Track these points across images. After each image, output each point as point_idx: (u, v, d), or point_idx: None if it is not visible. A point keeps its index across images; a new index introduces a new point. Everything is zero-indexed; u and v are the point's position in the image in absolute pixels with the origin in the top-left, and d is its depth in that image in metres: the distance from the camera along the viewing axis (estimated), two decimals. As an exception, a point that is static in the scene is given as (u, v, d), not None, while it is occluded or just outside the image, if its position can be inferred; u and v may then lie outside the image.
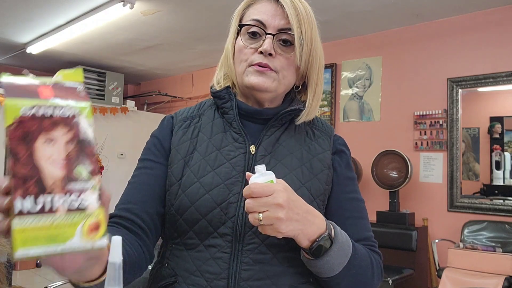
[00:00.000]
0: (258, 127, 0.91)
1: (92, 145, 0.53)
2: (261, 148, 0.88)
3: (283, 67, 0.87)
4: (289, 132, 0.92)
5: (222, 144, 0.88)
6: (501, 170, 3.65)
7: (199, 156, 0.87)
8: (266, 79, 0.86)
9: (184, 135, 0.92)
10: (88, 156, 0.52)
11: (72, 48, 5.26)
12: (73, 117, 0.53)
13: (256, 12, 0.89)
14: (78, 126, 0.53)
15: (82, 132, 0.54)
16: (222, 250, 0.80)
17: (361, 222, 0.91)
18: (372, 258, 0.86)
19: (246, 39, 0.89)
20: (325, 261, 0.76)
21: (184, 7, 3.86)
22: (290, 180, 0.83)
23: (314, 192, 0.87)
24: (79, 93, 0.55)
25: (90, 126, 0.54)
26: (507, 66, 3.55)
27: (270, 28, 0.86)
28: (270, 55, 0.86)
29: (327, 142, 0.95)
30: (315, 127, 0.97)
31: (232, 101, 0.91)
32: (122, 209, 0.85)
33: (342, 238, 0.78)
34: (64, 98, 0.54)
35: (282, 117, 0.91)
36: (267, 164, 0.84)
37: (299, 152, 0.90)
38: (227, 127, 0.91)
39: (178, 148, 0.90)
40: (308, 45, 0.87)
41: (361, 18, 3.97)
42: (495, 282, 2.91)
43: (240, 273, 0.79)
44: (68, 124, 0.52)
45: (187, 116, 0.96)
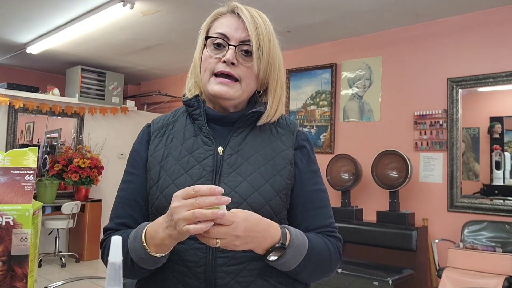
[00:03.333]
0: (226, 129, 1.02)
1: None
2: (228, 148, 0.98)
3: (245, 75, 0.97)
4: (255, 132, 1.02)
5: (193, 148, 0.99)
6: (501, 170, 3.65)
7: (173, 161, 0.98)
8: (228, 89, 0.96)
9: (159, 143, 1.02)
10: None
11: (72, 48, 5.26)
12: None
13: (220, 26, 0.99)
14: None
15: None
16: (199, 242, 0.87)
17: (323, 211, 1.02)
18: (330, 246, 0.97)
19: (211, 49, 0.99)
20: (281, 262, 0.88)
21: (184, 7, 3.86)
22: (254, 177, 0.95)
23: (277, 188, 0.96)
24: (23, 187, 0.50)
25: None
26: (507, 66, 3.55)
27: (233, 40, 0.96)
28: (233, 64, 0.96)
29: (290, 139, 1.04)
30: (279, 125, 1.06)
31: (201, 108, 1.01)
32: (117, 223, 1.00)
33: (298, 241, 0.90)
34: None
35: (246, 118, 1.00)
36: (234, 163, 0.96)
37: (263, 151, 1.00)
38: (197, 132, 1.01)
39: (154, 155, 1.01)
40: (266, 54, 0.97)
41: (361, 18, 3.97)
42: (495, 282, 2.91)
43: (216, 261, 0.91)
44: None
45: (163, 125, 1.06)
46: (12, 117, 5.34)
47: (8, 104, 5.26)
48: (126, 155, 5.04)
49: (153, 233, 0.85)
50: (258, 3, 3.78)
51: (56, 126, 6.04)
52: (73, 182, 5.31)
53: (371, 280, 3.25)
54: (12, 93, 5.23)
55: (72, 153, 5.46)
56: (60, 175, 5.36)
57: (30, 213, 0.54)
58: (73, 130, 5.93)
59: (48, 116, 5.76)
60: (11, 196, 0.53)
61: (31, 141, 5.85)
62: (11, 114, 5.33)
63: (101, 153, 5.75)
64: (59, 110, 5.62)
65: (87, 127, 5.91)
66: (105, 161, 5.77)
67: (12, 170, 0.55)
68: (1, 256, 0.49)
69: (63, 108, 5.68)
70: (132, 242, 0.89)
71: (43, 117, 5.78)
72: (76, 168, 5.24)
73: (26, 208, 0.54)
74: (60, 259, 5.18)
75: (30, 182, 0.56)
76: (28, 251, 0.52)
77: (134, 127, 6.43)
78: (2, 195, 0.50)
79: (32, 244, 0.57)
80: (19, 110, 5.36)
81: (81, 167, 5.26)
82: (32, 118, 5.77)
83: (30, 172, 0.57)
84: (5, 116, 5.31)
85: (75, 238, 5.59)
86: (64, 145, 5.82)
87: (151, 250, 0.85)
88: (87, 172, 5.30)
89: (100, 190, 5.89)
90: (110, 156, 6.02)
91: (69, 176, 5.27)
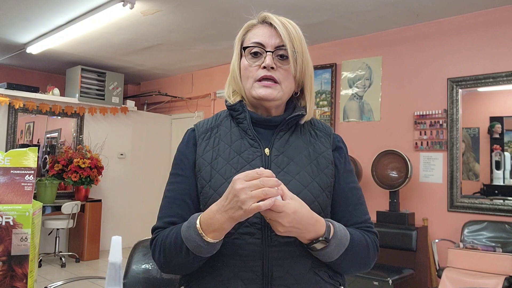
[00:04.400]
0: (268, 132, 1.09)
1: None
2: (274, 149, 1.05)
3: (284, 77, 1.05)
4: (296, 134, 1.10)
5: (241, 149, 1.05)
6: (501, 170, 3.65)
7: (223, 161, 1.04)
8: (272, 91, 1.04)
9: (207, 146, 1.08)
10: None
11: (72, 48, 5.26)
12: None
13: (255, 36, 1.07)
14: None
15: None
16: (254, 236, 0.97)
17: (360, 207, 1.10)
18: (368, 240, 1.05)
19: (250, 58, 1.07)
20: (324, 252, 0.95)
21: (184, 7, 3.86)
22: (302, 176, 1.02)
23: (323, 185, 1.04)
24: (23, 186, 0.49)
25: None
26: (507, 66, 3.55)
27: (269, 47, 1.04)
28: (272, 68, 1.03)
29: (328, 141, 1.12)
30: (317, 128, 1.14)
31: (245, 112, 1.08)
32: (166, 222, 1.05)
33: (341, 234, 0.97)
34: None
35: (288, 122, 1.08)
36: (281, 162, 1.04)
37: (306, 151, 1.07)
38: (243, 134, 1.08)
39: (204, 156, 1.07)
40: (300, 56, 1.04)
41: (361, 18, 3.97)
42: (495, 282, 2.91)
43: (271, 254, 0.97)
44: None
45: (207, 128, 1.12)
46: (12, 117, 5.34)
47: (8, 104, 5.26)
48: (126, 155, 5.07)
49: (208, 221, 0.91)
50: (258, 3, 3.78)
51: (56, 126, 6.04)
52: (73, 182, 5.31)
53: (371, 280, 3.25)
54: (12, 93, 5.23)
55: (72, 153, 5.46)
56: (60, 175, 5.36)
57: (30, 213, 0.54)
58: (73, 130, 5.93)
59: (48, 116, 5.76)
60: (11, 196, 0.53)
61: (31, 141, 5.85)
62: (11, 114, 5.33)
63: (101, 153, 5.75)
64: (59, 110, 5.62)
65: (87, 127, 5.91)
66: (105, 161, 5.77)
67: (12, 170, 0.55)
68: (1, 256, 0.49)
69: (63, 108, 5.68)
70: (186, 231, 0.94)
71: (43, 117, 5.78)
72: (76, 168, 5.24)
73: (26, 208, 0.54)
74: (60, 259, 5.18)
75: (30, 182, 0.56)
76: (28, 251, 0.52)
77: (134, 127, 6.43)
78: (2, 195, 0.50)
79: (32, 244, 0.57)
80: (19, 110, 5.36)
81: (81, 167, 5.26)
82: (32, 118, 5.77)
83: (30, 172, 0.57)
84: (5, 116, 5.31)
85: (75, 238, 5.59)
86: (64, 145, 5.81)
87: (208, 237, 0.91)
88: (87, 172, 5.30)
89: (100, 190, 5.89)
90: (110, 156, 6.02)
91: (69, 176, 5.27)
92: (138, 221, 6.27)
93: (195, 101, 6.41)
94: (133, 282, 1.48)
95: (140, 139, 6.48)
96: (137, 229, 6.12)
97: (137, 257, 1.56)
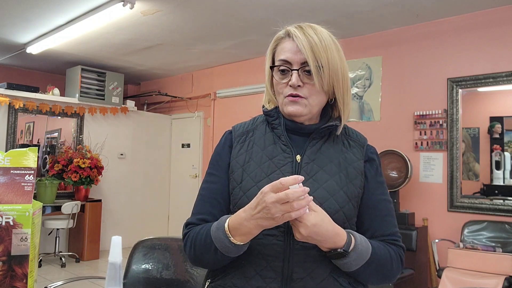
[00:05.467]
0: (302, 139, 1.11)
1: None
2: (305, 157, 1.07)
3: (311, 93, 1.05)
4: (329, 143, 1.11)
5: (273, 155, 1.08)
6: (501, 170, 3.65)
7: (255, 165, 1.07)
8: (299, 107, 1.06)
9: (241, 148, 1.12)
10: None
11: (72, 48, 5.26)
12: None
13: (282, 51, 1.07)
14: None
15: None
16: (277, 238, 1.00)
17: (388, 219, 1.10)
18: (392, 254, 1.05)
19: (278, 76, 1.08)
20: (343, 263, 0.97)
21: (184, 7, 3.86)
22: (330, 184, 1.04)
23: (350, 195, 1.05)
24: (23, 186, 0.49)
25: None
26: (507, 66, 3.55)
27: (295, 64, 1.04)
28: (299, 86, 1.04)
29: (360, 151, 1.13)
30: (350, 138, 1.16)
31: (280, 118, 1.11)
32: (198, 219, 1.09)
33: (362, 247, 0.98)
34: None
35: (321, 131, 1.09)
36: (311, 170, 1.05)
37: (337, 161, 1.08)
38: (276, 140, 1.10)
39: (237, 159, 1.11)
40: (327, 70, 1.03)
41: (361, 18, 3.97)
42: (495, 282, 2.91)
43: (293, 257, 1.00)
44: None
45: (243, 131, 1.16)
46: (12, 117, 5.34)
47: (8, 104, 5.26)
48: (126, 155, 5.08)
49: (236, 225, 0.95)
50: (258, 4, 3.78)
51: (56, 126, 6.04)
52: (73, 182, 5.31)
53: (371, 280, 3.25)
54: (12, 93, 5.23)
55: (72, 153, 5.46)
56: (60, 175, 5.36)
57: (30, 213, 0.54)
58: (73, 130, 5.93)
59: (48, 116, 5.76)
60: (11, 196, 0.53)
61: (31, 141, 5.85)
62: (11, 114, 5.33)
63: (101, 153, 5.75)
64: (59, 110, 5.62)
65: (87, 127, 5.91)
66: (105, 161, 5.77)
67: (12, 170, 0.55)
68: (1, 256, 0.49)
69: (63, 108, 5.68)
70: (215, 232, 0.98)
71: (43, 117, 5.77)
72: (76, 168, 5.24)
73: (26, 208, 0.54)
74: (60, 259, 5.18)
75: (30, 182, 0.56)
76: (28, 251, 0.52)
77: (134, 127, 6.43)
78: (2, 195, 0.50)
79: (32, 244, 0.57)
80: (19, 110, 5.36)
81: (81, 167, 5.26)
82: (32, 118, 5.77)
83: (30, 172, 0.57)
84: (5, 116, 5.31)
85: (75, 238, 5.59)
86: (64, 145, 5.82)
87: (236, 239, 0.95)
88: (87, 172, 5.30)
89: (100, 190, 5.89)
90: (110, 156, 6.02)
91: (69, 176, 5.27)
92: (138, 221, 6.27)
93: (195, 101, 6.40)
94: (133, 282, 1.48)
95: (140, 139, 6.48)
96: (137, 229, 6.12)
97: (137, 257, 1.56)
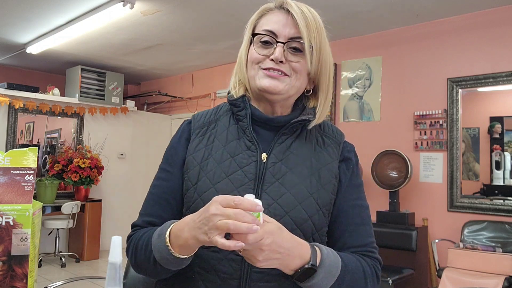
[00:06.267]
0: (270, 134, 0.96)
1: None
2: (272, 155, 0.93)
3: (295, 71, 0.92)
4: (300, 140, 0.97)
5: (235, 152, 0.93)
6: (501, 170, 3.65)
7: (214, 163, 0.93)
8: (277, 82, 0.90)
9: (200, 143, 0.97)
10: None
11: (72, 48, 5.26)
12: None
13: (268, 22, 0.94)
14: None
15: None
16: (235, 252, 0.81)
17: (362, 228, 0.96)
18: (366, 268, 0.90)
19: (259, 47, 0.93)
20: (311, 284, 0.82)
21: (184, 7, 3.86)
22: (299, 189, 0.90)
23: (321, 202, 0.92)
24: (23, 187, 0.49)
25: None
26: (507, 66, 3.55)
27: (281, 37, 0.91)
28: (281, 62, 0.90)
29: (336, 150, 0.99)
30: (325, 135, 1.01)
31: (247, 109, 0.96)
32: (145, 222, 0.96)
33: (330, 261, 0.83)
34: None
35: (293, 125, 0.95)
36: (278, 172, 0.91)
37: (308, 161, 0.95)
38: (241, 134, 0.95)
39: (194, 155, 0.96)
40: (318, 52, 0.92)
41: (361, 18, 3.97)
42: (495, 282, 2.91)
43: (251, 275, 0.86)
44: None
45: (204, 123, 1.00)
46: (12, 117, 5.34)
47: (8, 104, 5.26)
48: (126, 155, 5.07)
49: (178, 232, 0.80)
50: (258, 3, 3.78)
51: (56, 126, 6.04)
52: (73, 182, 5.31)
53: (371, 280, 3.25)
54: (12, 93, 5.23)
55: (72, 153, 5.46)
56: (60, 175, 5.36)
57: (30, 213, 0.55)
58: (73, 130, 5.93)
59: (48, 116, 5.76)
60: (11, 196, 0.53)
61: (31, 141, 5.85)
62: (11, 114, 5.33)
63: (101, 153, 5.75)
64: (59, 110, 5.62)
65: (87, 127, 5.90)
66: (105, 161, 5.77)
67: (12, 170, 0.55)
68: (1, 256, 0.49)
69: (63, 108, 5.68)
70: (156, 240, 0.84)
71: (43, 117, 5.77)
72: (76, 168, 5.24)
73: (26, 208, 0.54)
74: (60, 259, 5.18)
75: (30, 182, 0.56)
76: (28, 251, 0.52)
77: (134, 127, 6.43)
78: (2, 195, 0.50)
79: (32, 244, 0.57)
80: (19, 110, 5.36)
81: (81, 167, 5.26)
82: (32, 118, 5.77)
83: (30, 172, 0.57)
84: (5, 116, 5.31)
85: (75, 238, 5.59)
86: (64, 145, 5.82)
87: (175, 251, 0.80)
88: (87, 172, 5.30)
89: (100, 190, 5.89)
90: (110, 156, 6.02)
91: (69, 176, 5.27)
92: (138, 221, 6.26)
93: (195, 101, 6.40)
94: (133, 282, 1.48)
95: (140, 139, 6.48)
96: (137, 229, 6.11)
97: (137, 257, 1.56)
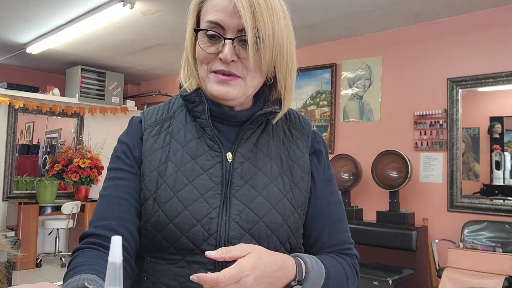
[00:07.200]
0: (232, 130, 0.85)
1: None
2: (238, 154, 0.83)
3: (249, 71, 0.79)
4: (267, 134, 0.87)
5: (197, 153, 0.82)
6: (501, 170, 3.65)
7: (174, 167, 0.81)
8: (231, 89, 0.78)
9: (155, 143, 0.85)
10: None
11: (72, 48, 5.26)
12: None
13: (213, 10, 0.78)
14: None
15: None
16: (205, 267, 0.76)
17: (339, 225, 0.89)
18: (347, 269, 0.85)
19: (205, 42, 0.79)
20: None
21: (184, 7, 3.84)
22: (271, 191, 0.81)
23: (295, 203, 0.84)
24: None
25: None
26: (507, 66, 3.55)
27: (229, 31, 0.76)
28: (233, 61, 0.77)
29: (305, 143, 0.90)
30: (293, 126, 0.91)
31: (204, 104, 0.84)
32: (98, 226, 0.79)
33: (314, 273, 0.76)
34: None
35: (257, 119, 0.85)
36: (246, 172, 0.81)
37: (278, 158, 0.86)
38: (200, 133, 0.84)
39: (149, 158, 0.83)
40: (269, 42, 0.75)
41: (361, 18, 3.97)
42: (495, 282, 2.91)
43: None
44: None
45: (157, 120, 0.88)
46: (12, 117, 5.34)
47: (8, 104, 5.26)
48: (126, 155, 4.88)
49: None
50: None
51: (56, 126, 6.05)
52: (73, 182, 5.31)
53: (371, 280, 3.25)
54: (12, 93, 5.23)
55: (72, 153, 5.47)
56: (60, 175, 5.36)
57: None
58: (73, 130, 5.93)
59: (48, 116, 5.76)
60: None
61: (31, 141, 5.85)
62: (11, 114, 5.34)
63: (101, 153, 5.75)
64: (59, 110, 5.62)
65: (87, 127, 5.91)
66: (105, 161, 5.77)
67: None
68: None
69: (63, 108, 5.68)
70: None
71: (43, 117, 5.78)
72: (76, 168, 5.24)
73: None
74: (60, 259, 5.18)
75: None
76: None
77: (134, 127, 6.43)
78: None
79: None
80: (19, 110, 5.36)
81: (81, 167, 5.27)
82: (32, 118, 5.77)
83: None
84: (5, 116, 5.31)
85: (75, 238, 5.59)
86: (64, 145, 5.82)
87: None
88: (87, 172, 5.30)
89: (100, 190, 5.89)
90: (110, 156, 6.02)
91: (69, 176, 5.27)
92: (138, 221, 6.27)
93: (195, 101, 6.40)
94: (133, 282, 1.48)
95: (140, 139, 6.47)
96: (137, 229, 6.12)
97: (137, 257, 1.56)
